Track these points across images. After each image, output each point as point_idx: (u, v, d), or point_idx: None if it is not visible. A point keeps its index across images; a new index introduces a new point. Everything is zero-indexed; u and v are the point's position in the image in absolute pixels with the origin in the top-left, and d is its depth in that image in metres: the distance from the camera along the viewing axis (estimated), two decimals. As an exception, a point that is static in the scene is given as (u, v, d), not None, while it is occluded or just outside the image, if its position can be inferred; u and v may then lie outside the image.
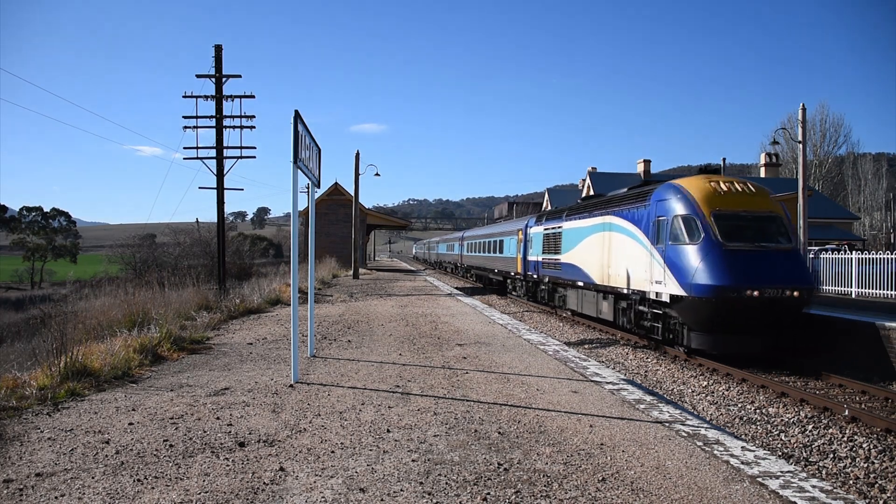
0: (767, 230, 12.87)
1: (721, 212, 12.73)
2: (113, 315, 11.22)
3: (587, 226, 18.54)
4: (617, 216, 16.30)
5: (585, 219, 18.85)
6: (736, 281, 11.84)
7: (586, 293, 18.82)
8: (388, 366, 9.03)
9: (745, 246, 12.37)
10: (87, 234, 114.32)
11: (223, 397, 7.03)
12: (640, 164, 58.08)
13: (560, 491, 4.42)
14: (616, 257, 16.10)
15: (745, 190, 13.41)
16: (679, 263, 12.81)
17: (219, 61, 23.27)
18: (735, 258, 12.16)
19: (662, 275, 13.37)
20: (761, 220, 12.94)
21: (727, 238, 12.35)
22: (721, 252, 12.20)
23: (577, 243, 19.38)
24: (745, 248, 12.34)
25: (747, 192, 13.33)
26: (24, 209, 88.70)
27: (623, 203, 16.23)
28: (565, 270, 20.51)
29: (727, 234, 12.40)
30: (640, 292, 14.57)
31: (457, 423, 6.03)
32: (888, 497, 6.34)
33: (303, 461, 4.96)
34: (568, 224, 20.55)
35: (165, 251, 44.62)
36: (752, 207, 13.03)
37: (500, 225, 37.36)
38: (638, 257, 14.71)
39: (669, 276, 13.07)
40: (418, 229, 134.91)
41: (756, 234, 12.71)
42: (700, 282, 12.15)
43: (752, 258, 12.25)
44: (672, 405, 7.06)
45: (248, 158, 31.04)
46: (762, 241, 12.58)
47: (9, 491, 4.35)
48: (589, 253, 18.16)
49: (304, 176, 8.85)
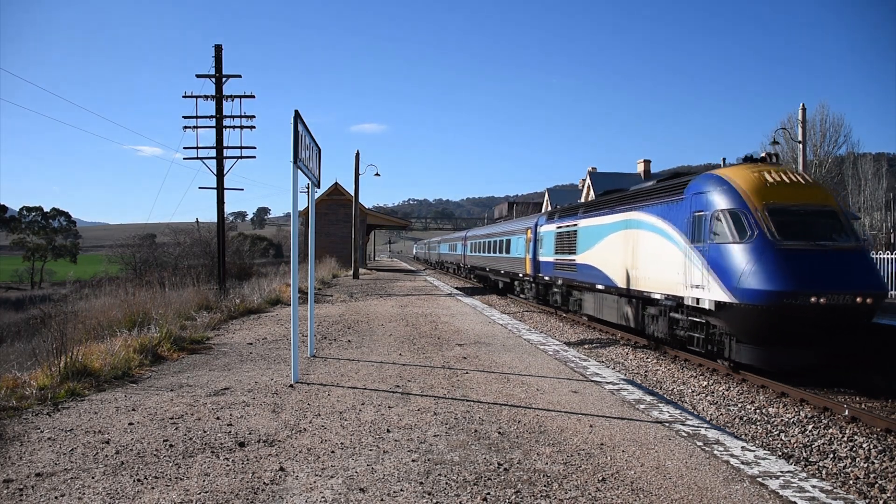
0: (826, 226, 11.24)
1: (774, 205, 11.12)
2: (113, 315, 11.22)
3: (607, 223, 16.89)
4: (644, 212, 14.65)
5: (605, 215, 17.18)
6: (796, 286, 10.26)
7: (606, 297, 17.23)
8: (388, 366, 9.03)
9: (804, 245, 10.76)
10: (87, 234, 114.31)
11: (223, 397, 7.03)
12: (640, 164, 58.09)
13: (560, 491, 4.42)
14: (643, 258, 14.50)
15: (798, 180, 11.79)
16: (725, 265, 11.24)
17: (219, 61, 23.26)
18: (794, 259, 10.58)
19: (703, 278, 11.82)
20: (818, 214, 11.33)
21: (783, 236, 10.77)
22: (777, 252, 10.62)
23: (595, 243, 17.75)
24: (804, 248, 10.73)
25: (800, 183, 11.72)
26: (24, 209, 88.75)
27: (651, 197, 14.57)
28: (581, 272, 18.82)
29: (783, 232, 10.83)
30: (675, 298, 12.97)
31: (457, 423, 6.03)
32: (888, 497, 6.34)
33: (303, 461, 4.96)
34: (584, 222, 18.88)
35: (165, 251, 44.63)
36: (807, 200, 11.40)
37: (507, 223, 35.04)
38: (671, 258, 13.16)
39: (712, 279, 11.51)
40: (418, 229, 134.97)
41: (814, 231, 11.11)
42: (752, 286, 10.56)
43: (813, 259, 10.68)
44: (672, 405, 7.06)
45: (248, 158, 31.03)
46: (821, 240, 10.94)
47: (9, 491, 4.35)
48: (609, 253, 16.57)
49: (304, 176, 8.85)
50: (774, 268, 10.53)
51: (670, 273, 13.16)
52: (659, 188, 14.66)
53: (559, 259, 21.28)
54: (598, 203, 18.66)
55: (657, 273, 13.80)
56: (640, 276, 14.61)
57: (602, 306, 17.74)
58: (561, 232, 21.23)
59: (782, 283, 10.35)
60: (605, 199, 18.22)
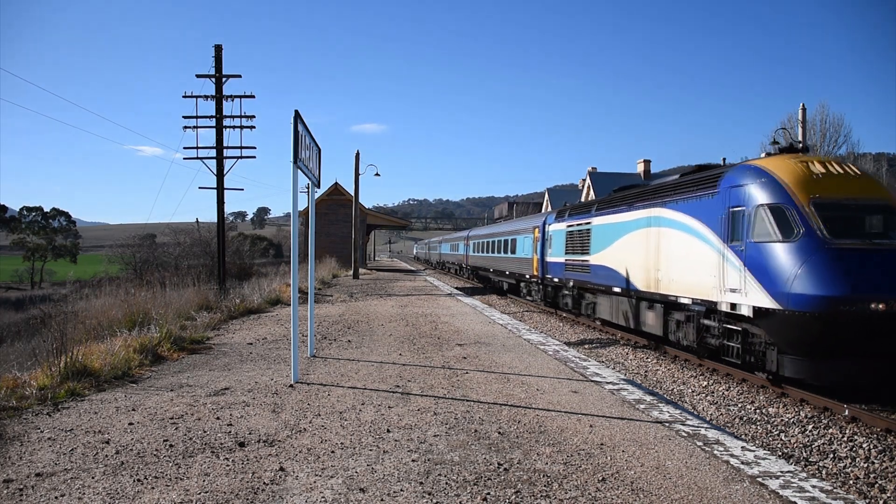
0: (881, 223, 10.12)
1: (823, 200, 9.99)
2: (113, 315, 11.22)
3: (626, 221, 15.56)
4: (669, 208, 13.36)
5: (623, 213, 15.79)
6: (853, 290, 9.23)
7: (624, 301, 15.77)
8: (388, 366, 9.03)
9: (859, 244, 9.69)
10: (87, 234, 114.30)
11: (223, 397, 7.03)
12: (640, 164, 58.10)
13: (560, 491, 4.42)
14: (668, 258, 13.23)
15: (846, 171, 10.64)
16: (768, 267, 10.15)
17: (219, 61, 23.27)
18: (848, 260, 9.52)
19: (741, 281, 10.72)
20: (872, 209, 10.18)
21: (834, 234, 9.66)
22: (828, 252, 9.55)
23: (611, 242, 16.42)
24: (860, 247, 9.66)
25: (848, 174, 10.58)
26: (24, 209, 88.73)
27: (678, 192, 13.29)
28: (596, 274, 17.41)
29: (834, 229, 9.72)
30: (706, 302, 11.75)
31: (457, 423, 6.03)
32: (888, 497, 6.34)
33: (303, 461, 4.96)
34: (599, 219, 17.49)
35: (165, 251, 44.59)
36: (858, 194, 10.25)
37: (513, 222, 33.27)
38: (703, 259, 11.94)
39: (752, 282, 10.45)
40: (418, 229, 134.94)
41: (868, 227, 10.06)
42: (801, 291, 9.47)
43: (870, 260, 9.61)
44: (672, 405, 7.06)
45: (248, 158, 31.03)
46: (877, 238, 9.86)
47: (9, 491, 4.35)
48: (628, 253, 15.27)
49: (304, 176, 8.85)
50: (827, 270, 9.48)
51: (701, 275, 11.98)
52: (686, 182, 13.26)
53: (570, 260, 19.90)
54: (614, 200, 17.15)
55: (685, 275, 12.51)
56: (665, 279, 13.31)
57: (619, 310, 16.31)
58: (572, 231, 19.88)
59: (837, 287, 9.30)
60: (621, 196, 16.69)
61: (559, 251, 21.14)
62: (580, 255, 18.82)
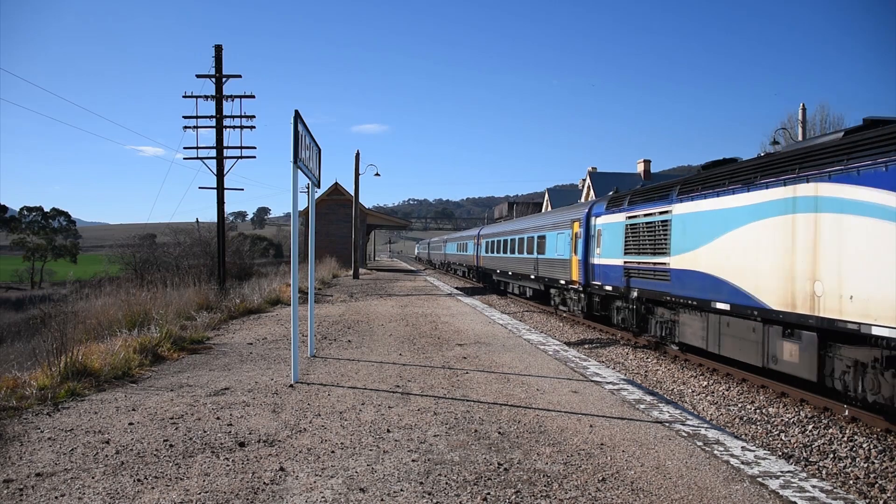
0: None
1: None
2: (113, 315, 11.22)
3: (741, 206, 10.94)
4: (842, 182, 8.61)
5: (734, 195, 11.14)
6: None
7: (737, 324, 11.06)
8: (388, 366, 9.03)
9: None
10: (87, 234, 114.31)
11: (223, 397, 7.03)
12: (640, 163, 58.11)
13: (560, 491, 4.42)
14: (840, 262, 8.54)
15: None
16: None
17: (219, 61, 23.29)
18: None
19: None
20: None
21: None
22: None
23: (710, 238, 11.80)
24: None
25: None
26: (24, 209, 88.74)
27: (859, 156, 8.39)
28: (681, 281, 12.82)
29: None
30: None
31: (457, 423, 6.03)
32: (888, 497, 6.34)
33: (303, 461, 4.96)
34: (685, 207, 12.87)
35: (165, 251, 44.55)
36: None
37: (540, 216, 28.01)
38: None
39: None
40: (418, 229, 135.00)
41: None
42: None
43: None
44: (672, 405, 7.06)
45: (248, 158, 31.05)
46: None
47: (9, 491, 4.35)
48: (747, 253, 10.69)
49: (304, 176, 8.85)
50: None
51: None
52: (879, 137, 8.25)
53: (634, 262, 15.27)
54: (714, 177, 12.13)
55: (883, 289, 7.81)
56: (831, 293, 8.67)
57: (722, 335, 11.53)
58: (637, 224, 15.20)
59: None
60: (729, 171, 11.78)
61: (613, 250, 16.62)
62: (651, 255, 14.35)
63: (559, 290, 22.15)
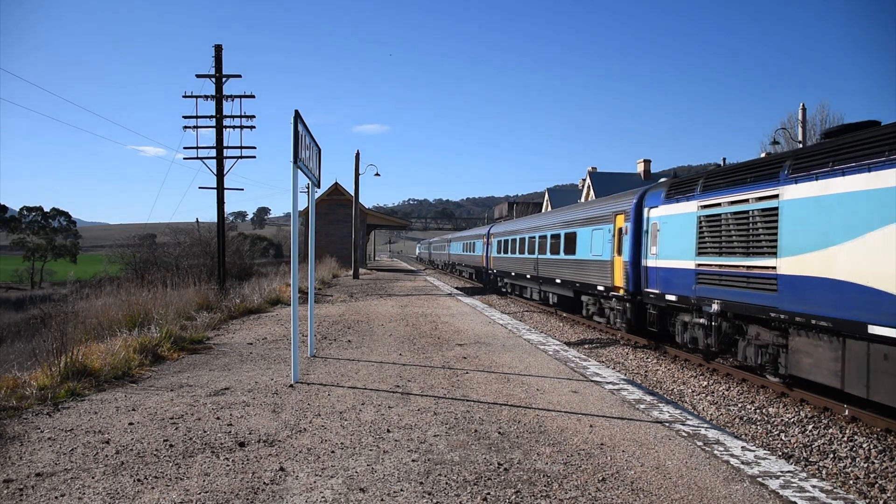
0: None
1: None
2: (113, 315, 11.22)
3: None
4: None
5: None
6: None
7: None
8: (388, 366, 9.03)
9: None
10: (87, 234, 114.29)
11: (223, 397, 7.03)
12: (640, 163, 58.10)
13: (560, 491, 4.41)
14: None
15: None
16: None
17: (219, 61, 23.28)
18: None
19: None
20: None
21: None
22: None
23: (862, 230, 8.23)
24: None
25: None
26: (24, 209, 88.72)
27: None
28: (798, 293, 9.39)
29: None
30: None
31: (457, 423, 6.03)
32: (888, 497, 6.34)
33: (303, 461, 4.96)
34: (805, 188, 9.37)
35: (165, 251, 44.53)
36: None
37: (568, 210, 22.78)
38: None
39: None
40: (418, 229, 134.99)
41: None
42: None
43: None
44: (672, 405, 7.06)
45: (248, 158, 31.05)
46: None
47: (9, 491, 4.35)
48: None
49: (305, 176, 8.85)
50: None
51: None
52: None
53: (713, 265, 11.80)
54: (862, 143, 8.51)
55: None
56: None
57: (874, 373, 8.06)
58: (718, 214, 11.74)
59: None
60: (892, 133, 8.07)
61: (679, 250, 13.18)
62: (743, 256, 10.89)
63: (594, 297, 18.52)
